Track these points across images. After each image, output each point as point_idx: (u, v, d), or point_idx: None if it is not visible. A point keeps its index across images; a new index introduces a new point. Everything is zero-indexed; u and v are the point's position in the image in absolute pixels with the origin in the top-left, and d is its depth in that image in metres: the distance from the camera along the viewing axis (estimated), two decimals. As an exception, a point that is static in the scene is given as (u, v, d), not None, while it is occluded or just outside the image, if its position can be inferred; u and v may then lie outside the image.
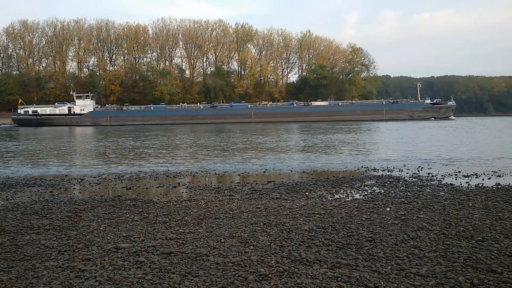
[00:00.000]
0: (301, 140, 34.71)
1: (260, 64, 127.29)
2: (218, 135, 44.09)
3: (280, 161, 19.19)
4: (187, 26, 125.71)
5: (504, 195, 10.13)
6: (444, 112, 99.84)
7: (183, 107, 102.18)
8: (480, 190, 11.04)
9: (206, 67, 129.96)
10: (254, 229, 7.17)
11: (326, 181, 13.06)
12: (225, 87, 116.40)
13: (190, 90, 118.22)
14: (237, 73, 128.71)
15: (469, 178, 13.38)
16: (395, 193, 10.69)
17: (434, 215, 8.09)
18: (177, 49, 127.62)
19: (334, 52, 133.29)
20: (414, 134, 42.24)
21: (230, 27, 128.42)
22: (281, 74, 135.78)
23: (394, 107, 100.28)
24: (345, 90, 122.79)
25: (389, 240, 6.48)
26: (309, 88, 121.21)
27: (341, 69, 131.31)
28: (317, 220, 7.76)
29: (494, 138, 34.70)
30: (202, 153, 24.06)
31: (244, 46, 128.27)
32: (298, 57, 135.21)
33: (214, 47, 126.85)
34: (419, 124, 67.53)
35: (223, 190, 11.57)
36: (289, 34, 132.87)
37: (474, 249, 6.04)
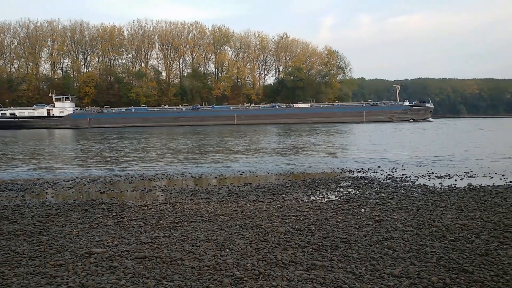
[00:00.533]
0: (279, 142, 34.83)
1: (237, 66, 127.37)
2: (197, 138, 43.86)
3: (258, 163, 19.20)
4: (163, 27, 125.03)
5: (476, 196, 10.36)
6: (423, 114, 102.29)
7: (164, 109, 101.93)
8: (452, 190, 11.27)
9: (182, 69, 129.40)
10: (230, 232, 7.14)
11: (302, 183, 13.12)
12: (202, 89, 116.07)
13: (166, 92, 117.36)
14: (214, 75, 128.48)
15: (442, 179, 13.65)
16: (370, 194, 10.82)
17: (407, 216, 8.22)
18: (153, 51, 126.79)
19: (311, 55, 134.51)
20: (390, 136, 42.88)
21: (207, 29, 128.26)
22: (258, 76, 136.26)
23: (374, 109, 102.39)
24: (321, 92, 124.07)
25: (364, 241, 6.55)
26: (286, 91, 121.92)
27: (318, 72, 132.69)
28: (293, 222, 7.78)
29: (469, 139, 35.51)
30: (179, 156, 23.87)
31: (221, 48, 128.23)
32: (275, 59, 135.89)
33: (191, 48, 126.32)
34: (397, 126, 68.63)
35: (199, 193, 11.50)
36: (266, 37, 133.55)
37: (446, 249, 6.15)
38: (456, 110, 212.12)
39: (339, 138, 39.36)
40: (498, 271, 5.27)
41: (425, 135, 42.75)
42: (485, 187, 11.74)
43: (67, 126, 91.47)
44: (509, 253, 5.92)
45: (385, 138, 38.71)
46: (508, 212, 8.47)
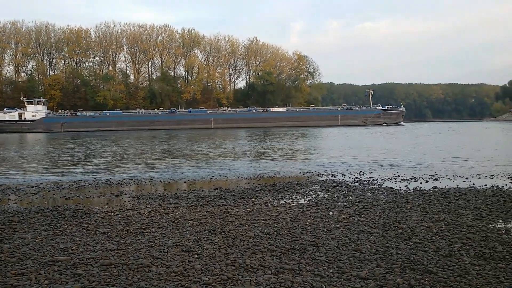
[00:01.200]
0: (251, 146, 34.86)
1: (207, 70, 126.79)
2: (168, 142, 43.40)
3: (228, 168, 19.14)
4: (131, 30, 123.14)
5: (440, 198, 10.63)
6: (395, 118, 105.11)
7: (140, 112, 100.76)
8: (418, 193, 11.53)
9: (151, 72, 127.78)
10: (198, 237, 7.08)
11: (272, 186, 13.16)
12: (172, 93, 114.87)
13: (134, 95, 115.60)
14: (184, 79, 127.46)
15: (408, 182, 13.94)
16: (338, 198, 10.95)
17: (374, 218, 8.35)
18: (121, 54, 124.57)
19: (281, 59, 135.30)
20: (361, 139, 43.55)
21: (177, 32, 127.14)
22: (229, 80, 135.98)
23: (349, 113, 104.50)
24: (291, 96, 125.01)
25: (332, 244, 6.62)
26: (256, 95, 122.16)
27: (288, 76, 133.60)
28: (262, 226, 7.79)
29: (434, 142, 36.45)
30: (148, 160, 23.56)
31: (191, 52, 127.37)
32: (246, 63, 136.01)
33: (160, 52, 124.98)
34: (370, 130, 69.80)
35: (168, 198, 11.37)
36: (236, 41, 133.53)
37: (411, 250, 6.28)
38: (422, 115, 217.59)
39: (311, 142, 39.71)
40: (461, 271, 5.41)
41: (394, 139, 43.63)
42: (449, 189, 12.06)
43: (39, 130, 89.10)
44: (471, 253, 6.09)
45: (356, 142, 39.30)
46: (471, 214, 8.73)
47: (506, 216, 8.53)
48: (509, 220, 8.23)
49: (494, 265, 5.66)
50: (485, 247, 6.38)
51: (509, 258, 5.90)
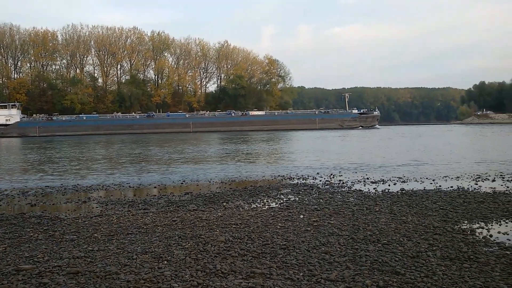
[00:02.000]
0: (224, 150, 34.76)
1: (178, 73, 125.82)
2: (140, 146, 42.80)
3: (200, 172, 19.02)
4: (99, 32, 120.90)
5: (408, 200, 10.85)
6: (370, 121, 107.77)
7: (117, 116, 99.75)
8: (386, 195, 11.74)
9: (120, 75, 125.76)
10: (168, 243, 7.00)
11: (244, 190, 13.15)
12: (141, 96, 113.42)
13: (103, 99, 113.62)
14: (154, 82, 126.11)
15: (376, 184, 14.18)
16: (309, 201, 11.03)
17: (344, 221, 8.45)
18: (89, 56, 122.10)
19: (252, 63, 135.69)
20: (333, 142, 44.05)
21: (146, 35, 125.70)
22: (200, 84, 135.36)
23: (326, 117, 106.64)
24: (263, 100, 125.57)
25: (302, 247, 6.65)
26: (228, 98, 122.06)
27: (259, 80, 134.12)
28: (233, 231, 7.76)
29: (404, 145, 37.23)
30: (118, 165, 23.16)
31: (161, 55, 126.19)
32: (217, 67, 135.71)
33: (129, 54, 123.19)
34: (346, 133, 70.67)
35: (137, 204, 11.20)
36: (207, 44, 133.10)
37: (380, 252, 6.38)
38: (391, 118, 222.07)
39: (284, 145, 39.93)
40: (428, 272, 5.53)
41: (367, 142, 44.33)
42: (417, 191, 12.33)
43: (14, 135, 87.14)
44: (438, 254, 6.23)
45: (328, 145, 39.73)
46: (438, 215, 8.94)
47: (471, 217, 8.77)
48: (474, 221, 8.46)
49: (459, 265, 5.80)
50: (451, 248, 6.54)
51: (473, 258, 6.07)
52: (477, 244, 6.76)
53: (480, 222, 8.35)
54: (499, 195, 11.37)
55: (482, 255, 6.20)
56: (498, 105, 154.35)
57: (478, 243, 6.82)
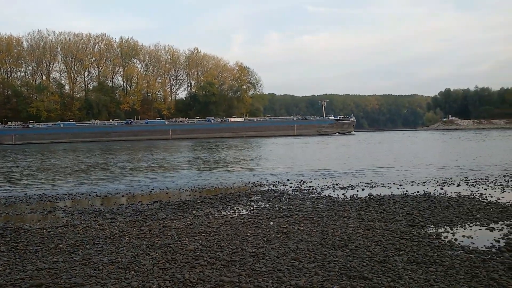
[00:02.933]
0: (196, 157, 34.49)
1: (147, 80, 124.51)
2: (108, 154, 41.99)
3: (169, 180, 18.80)
4: (66, 39, 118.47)
5: (375, 205, 11.01)
6: (347, 127, 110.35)
7: (94, 124, 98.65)
8: (354, 201, 11.88)
9: (88, 82, 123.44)
10: (136, 253, 6.86)
11: (214, 198, 13.06)
12: (109, 103, 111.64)
13: (70, 106, 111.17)
14: (123, 89, 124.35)
15: (345, 190, 14.33)
16: (279, 207, 11.04)
17: (313, 227, 8.49)
18: (56, 63, 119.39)
19: (222, 70, 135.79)
20: (305, 149, 44.36)
21: (114, 42, 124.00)
22: (170, 91, 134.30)
23: (304, 123, 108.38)
24: (234, 107, 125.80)
25: (272, 254, 6.65)
26: (198, 105, 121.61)
27: (230, 87, 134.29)
28: (202, 239, 7.68)
29: (372, 151, 37.84)
30: (85, 173, 22.64)
31: (130, 61, 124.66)
32: (187, 74, 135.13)
33: (97, 61, 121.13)
34: (323, 139, 71.26)
35: (104, 213, 10.96)
36: (176, 51, 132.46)
37: (348, 257, 6.43)
38: (359, 125, 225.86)
39: (256, 152, 39.94)
40: (394, 276, 5.61)
41: (338, 148, 44.85)
42: (384, 196, 12.53)
43: None
44: (404, 259, 6.34)
45: (299, 151, 39.97)
46: (405, 220, 9.10)
47: (436, 221, 8.96)
48: (439, 225, 8.65)
49: (425, 269, 5.91)
50: (417, 252, 6.66)
51: (439, 262, 6.19)
52: (443, 248, 6.90)
53: (446, 226, 8.54)
54: (463, 199, 11.67)
55: (447, 258, 6.33)
56: (463, 111, 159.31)
57: (443, 247, 6.97)
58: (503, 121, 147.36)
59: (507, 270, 5.78)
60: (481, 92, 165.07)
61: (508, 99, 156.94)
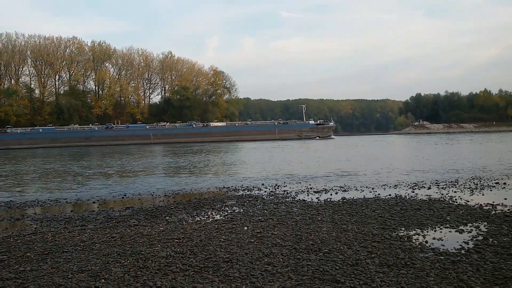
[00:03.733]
0: (170, 162, 34.16)
1: (119, 84, 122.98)
2: (80, 159, 41.16)
3: (143, 185, 18.55)
4: (36, 42, 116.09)
5: (349, 208, 11.11)
6: (327, 131, 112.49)
7: (74, 128, 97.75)
8: (328, 204, 11.96)
9: (59, 86, 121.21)
10: (106, 261, 6.72)
11: (188, 203, 12.93)
12: (81, 108, 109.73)
13: (40, 111, 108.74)
14: (95, 93, 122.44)
15: (319, 194, 14.42)
16: (253, 212, 11.02)
17: (287, 231, 8.50)
18: (25, 67, 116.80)
19: (197, 74, 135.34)
20: (281, 153, 44.48)
21: (86, 45, 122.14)
22: (143, 95, 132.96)
23: (285, 127, 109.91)
24: (209, 111, 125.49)
25: (245, 259, 6.61)
26: (173, 109, 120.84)
27: (204, 91, 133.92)
28: (175, 245, 7.59)
29: (347, 154, 38.25)
30: (54, 180, 22.12)
31: (102, 65, 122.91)
32: (161, 78, 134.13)
33: (68, 65, 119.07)
34: (303, 144, 71.52)
35: (74, 220, 10.70)
36: (150, 55, 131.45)
37: (321, 261, 6.45)
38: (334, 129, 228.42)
39: (231, 157, 39.82)
40: (367, 279, 5.65)
41: (313, 152, 45.14)
42: (357, 200, 12.66)
43: None
44: (376, 261, 6.40)
45: (275, 155, 40.06)
46: (377, 223, 9.21)
47: (408, 224, 9.09)
48: (410, 228, 8.78)
49: (397, 271, 5.98)
50: (389, 255, 6.74)
51: (410, 264, 6.28)
52: (414, 250, 7.00)
53: (417, 229, 8.67)
54: (434, 202, 11.89)
55: (418, 261, 6.43)
56: (434, 115, 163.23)
57: (414, 250, 7.07)
58: (472, 125, 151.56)
59: (475, 271, 5.90)
60: (451, 96, 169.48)
61: (477, 103, 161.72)
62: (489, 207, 10.87)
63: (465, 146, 48.06)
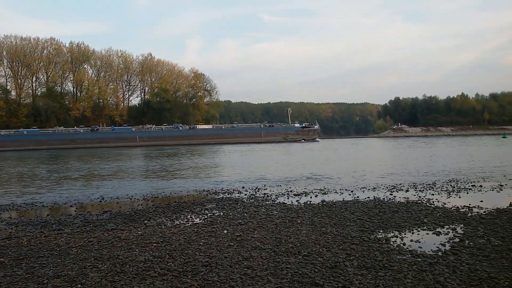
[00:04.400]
0: (150, 165, 33.83)
1: (98, 86, 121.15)
2: (56, 163, 40.44)
3: (121, 188, 18.33)
4: (12, 42, 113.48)
5: (328, 211, 11.18)
6: (312, 134, 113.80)
7: (59, 131, 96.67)
8: (308, 207, 12.01)
9: (36, 87, 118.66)
10: (83, 266, 6.61)
11: (167, 207, 12.83)
12: (59, 110, 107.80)
13: (16, 113, 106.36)
14: (73, 95, 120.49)
15: (299, 197, 14.47)
16: (233, 215, 10.99)
17: (267, 234, 8.50)
18: (1, 68, 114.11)
19: (177, 77, 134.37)
20: (261, 156, 44.48)
21: (64, 46, 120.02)
22: (122, 97, 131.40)
23: (271, 130, 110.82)
24: (189, 114, 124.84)
25: (225, 263, 6.58)
26: (152, 112, 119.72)
27: (185, 94, 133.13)
28: (154, 250, 7.51)
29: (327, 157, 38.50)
30: (32, 183, 21.67)
31: (80, 67, 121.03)
32: (140, 80, 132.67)
33: (46, 66, 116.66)
34: (288, 146, 71.56)
35: (50, 224, 10.50)
36: (129, 56, 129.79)
37: (300, 264, 6.47)
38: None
39: (211, 160, 39.66)
40: (345, 282, 5.69)
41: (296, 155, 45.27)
42: (336, 202, 12.75)
43: None
44: (355, 264, 6.44)
45: (255, 158, 40.05)
46: (355, 225, 9.28)
47: (386, 227, 9.19)
48: (388, 230, 8.88)
49: (375, 273, 6.03)
50: (367, 257, 6.80)
51: (388, 266, 6.34)
52: (391, 253, 7.08)
53: (394, 231, 8.77)
54: (412, 204, 12.06)
55: (396, 263, 6.50)
56: (412, 119, 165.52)
57: (392, 252, 7.14)
58: (450, 128, 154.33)
59: (451, 273, 5.99)
60: (428, 100, 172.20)
61: (454, 107, 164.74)
62: (466, 210, 11.08)
63: (442, 149, 48.91)
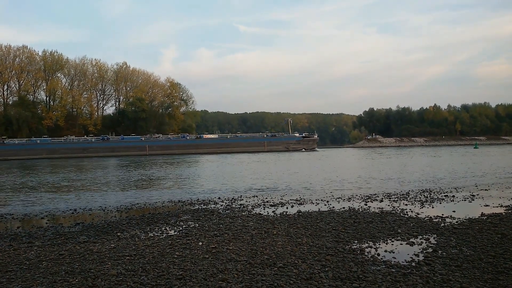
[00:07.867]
0: (125, 176, 33.29)
1: (72, 95, 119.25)
2: (28, 172, 39.40)
3: (94, 200, 17.97)
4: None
5: (304, 221, 11.18)
6: (311, 144, 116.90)
7: (70, 139, 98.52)
8: (284, 218, 11.99)
9: (7, 96, 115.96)
10: (53, 280, 6.42)
11: (141, 218, 12.63)
12: (31, 119, 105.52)
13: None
14: (46, 104, 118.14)
15: (275, 207, 14.45)
16: (209, 226, 10.89)
17: (242, 246, 8.44)
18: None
19: (153, 86, 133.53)
20: (239, 166, 44.34)
21: (37, 54, 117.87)
22: (97, 106, 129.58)
23: (274, 140, 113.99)
24: (165, 123, 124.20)
25: (199, 276, 6.50)
26: (127, 121, 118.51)
27: (160, 103, 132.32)
28: (126, 263, 7.36)
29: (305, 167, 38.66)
30: (2, 194, 21.06)
31: (53, 75, 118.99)
32: (115, 89, 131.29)
33: (17, 74, 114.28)
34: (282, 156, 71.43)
35: (21, 237, 10.21)
36: (104, 65, 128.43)
37: (276, 276, 6.43)
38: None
39: (189, 170, 39.32)
40: (320, 293, 5.68)
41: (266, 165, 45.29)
42: (312, 213, 12.78)
43: None
44: (330, 275, 6.45)
45: (233, 169, 39.90)
46: (331, 236, 9.31)
47: (360, 237, 9.25)
48: (363, 241, 8.93)
49: (349, 285, 6.04)
50: (342, 268, 6.81)
51: (362, 277, 6.36)
52: (366, 263, 7.11)
53: (369, 242, 8.83)
54: (386, 214, 12.18)
55: (370, 273, 6.53)
56: (386, 129, 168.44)
57: (366, 262, 7.18)
58: (423, 139, 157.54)
59: (425, 284, 6.06)
60: (402, 111, 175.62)
61: (427, 118, 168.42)
62: (439, 220, 11.25)
63: (416, 160, 49.76)
